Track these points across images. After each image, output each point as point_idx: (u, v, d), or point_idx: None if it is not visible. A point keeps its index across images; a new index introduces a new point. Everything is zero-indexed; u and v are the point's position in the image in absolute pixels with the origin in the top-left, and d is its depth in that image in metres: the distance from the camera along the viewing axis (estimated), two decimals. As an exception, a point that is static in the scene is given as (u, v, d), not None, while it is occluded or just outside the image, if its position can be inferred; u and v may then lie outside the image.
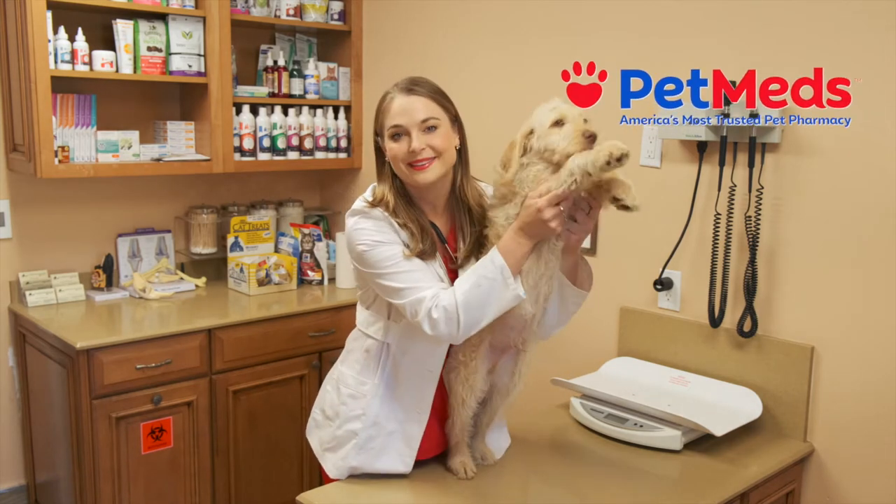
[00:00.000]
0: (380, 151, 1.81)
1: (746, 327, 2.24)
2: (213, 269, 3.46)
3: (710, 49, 2.30)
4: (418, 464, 1.88)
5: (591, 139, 1.61)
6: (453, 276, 1.79)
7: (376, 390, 1.83)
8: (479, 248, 1.79)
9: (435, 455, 1.93)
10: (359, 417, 1.84)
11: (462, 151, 1.82)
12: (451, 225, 1.86)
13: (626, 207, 1.63)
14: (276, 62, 3.40)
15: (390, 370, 1.83)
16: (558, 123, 1.63)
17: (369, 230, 1.74)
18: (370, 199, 1.79)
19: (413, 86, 1.75)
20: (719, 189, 2.27)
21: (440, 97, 1.77)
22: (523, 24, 2.82)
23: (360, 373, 1.86)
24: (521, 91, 2.86)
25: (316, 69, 3.46)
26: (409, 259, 1.71)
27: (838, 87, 2.03)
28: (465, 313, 1.64)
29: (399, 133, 1.72)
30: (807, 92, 2.09)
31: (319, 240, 3.38)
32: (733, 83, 2.15)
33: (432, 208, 1.84)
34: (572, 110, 1.66)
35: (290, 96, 3.42)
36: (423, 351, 1.79)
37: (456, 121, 1.80)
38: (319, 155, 3.50)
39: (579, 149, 1.60)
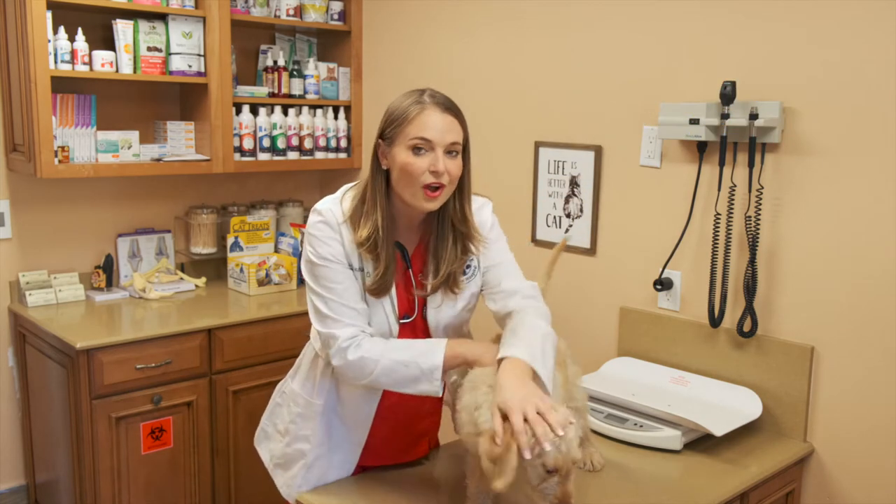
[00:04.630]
0: (377, 165, 1.70)
1: (746, 327, 2.24)
2: (213, 269, 3.46)
3: (711, 48, 2.30)
4: (420, 461, 1.91)
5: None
6: (407, 304, 1.76)
7: (323, 409, 1.82)
8: (449, 282, 1.74)
9: (421, 457, 1.94)
10: (307, 438, 1.84)
11: (464, 179, 1.72)
12: (421, 241, 1.79)
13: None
14: (276, 62, 3.40)
15: (335, 387, 1.82)
16: (552, 471, 1.40)
17: (323, 240, 1.69)
18: (347, 214, 1.70)
19: (449, 104, 1.67)
20: (719, 189, 2.27)
21: (465, 123, 1.70)
22: (524, 24, 2.82)
23: (310, 393, 1.85)
24: (522, 91, 2.86)
25: (316, 69, 3.46)
26: (345, 289, 1.68)
27: (837, 86, 2.04)
28: (380, 378, 1.67)
29: (423, 148, 1.62)
30: (806, 92, 2.10)
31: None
32: (734, 83, 2.15)
33: (408, 224, 1.76)
34: (570, 452, 1.41)
35: (290, 96, 3.43)
36: None
37: (465, 149, 1.71)
38: (319, 155, 3.50)
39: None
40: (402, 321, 1.76)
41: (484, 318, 1.95)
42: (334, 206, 1.72)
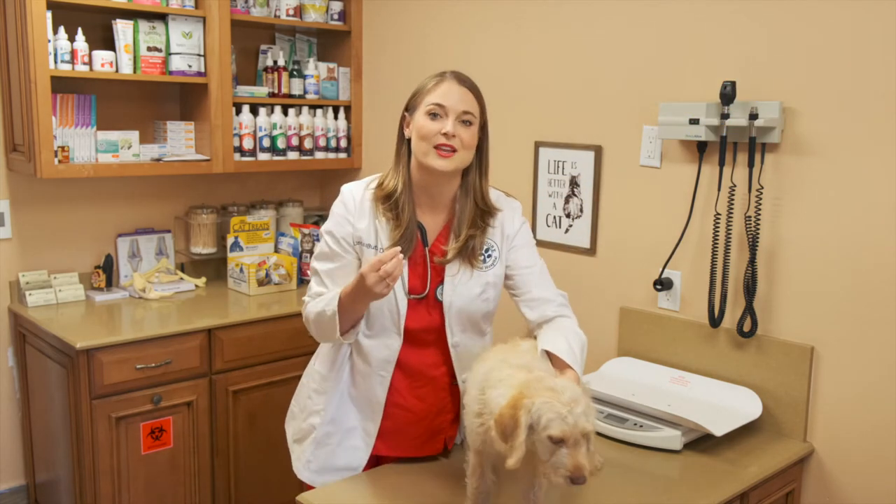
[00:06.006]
0: (401, 134, 1.86)
1: (746, 327, 2.24)
2: (213, 269, 3.46)
3: (711, 49, 2.30)
4: (420, 461, 1.91)
5: (576, 482, 1.42)
6: (420, 282, 1.84)
7: (336, 387, 1.91)
8: (468, 251, 1.84)
9: (436, 453, 1.95)
10: (318, 413, 1.93)
11: (482, 154, 1.87)
12: (448, 223, 1.88)
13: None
14: (275, 62, 3.40)
15: (349, 370, 1.91)
16: (559, 441, 1.42)
17: (334, 215, 1.87)
18: (374, 187, 1.85)
19: (468, 81, 1.83)
20: (719, 189, 2.27)
21: (482, 101, 1.86)
22: (524, 24, 2.82)
23: (328, 370, 1.93)
24: (520, 90, 2.86)
25: (316, 69, 3.46)
26: (326, 272, 1.84)
27: (837, 86, 2.04)
28: (318, 332, 1.83)
29: (437, 113, 1.77)
30: (806, 92, 2.10)
31: (319, 240, 3.37)
32: (734, 83, 2.15)
33: (431, 204, 1.87)
34: (577, 424, 1.42)
35: (290, 96, 3.43)
36: (374, 356, 1.86)
37: (483, 129, 1.86)
38: (319, 155, 3.50)
39: (561, 484, 1.44)
40: (410, 297, 1.83)
41: (505, 316, 1.95)
42: (356, 189, 1.87)
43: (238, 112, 3.26)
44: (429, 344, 1.87)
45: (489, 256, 1.87)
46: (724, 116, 2.17)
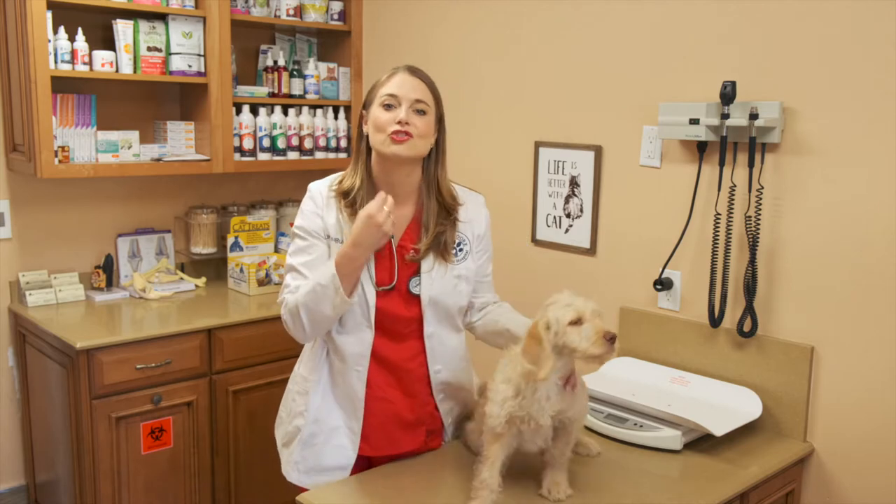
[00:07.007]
0: (360, 131, 1.90)
1: (746, 327, 2.24)
2: (213, 269, 3.46)
3: (711, 48, 2.30)
4: (415, 459, 1.92)
5: (611, 341, 1.60)
6: (388, 275, 1.86)
7: (317, 387, 1.93)
8: (439, 245, 1.87)
9: (431, 449, 1.96)
10: (302, 413, 1.95)
11: (439, 148, 1.90)
12: (415, 216, 1.90)
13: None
14: (276, 62, 3.40)
15: (328, 369, 1.93)
16: (576, 322, 1.63)
17: (303, 212, 1.89)
18: (335, 184, 1.89)
19: (420, 72, 1.88)
20: (719, 189, 2.27)
21: (436, 92, 1.89)
22: (523, 25, 2.82)
23: (309, 371, 1.96)
24: (520, 90, 2.86)
25: (316, 69, 3.46)
26: (303, 263, 1.84)
27: (837, 86, 2.04)
28: (309, 315, 1.79)
29: (391, 104, 1.81)
30: (806, 92, 2.10)
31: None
32: (734, 83, 2.15)
33: (393, 196, 1.86)
34: (586, 305, 1.64)
35: (290, 96, 3.43)
36: (348, 352, 1.87)
37: (439, 121, 1.89)
38: (319, 155, 3.50)
39: (602, 351, 1.61)
40: (379, 289, 1.85)
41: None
42: (322, 185, 1.92)
43: (238, 112, 3.26)
44: (404, 337, 1.89)
45: (461, 250, 1.91)
46: (725, 116, 2.17)
